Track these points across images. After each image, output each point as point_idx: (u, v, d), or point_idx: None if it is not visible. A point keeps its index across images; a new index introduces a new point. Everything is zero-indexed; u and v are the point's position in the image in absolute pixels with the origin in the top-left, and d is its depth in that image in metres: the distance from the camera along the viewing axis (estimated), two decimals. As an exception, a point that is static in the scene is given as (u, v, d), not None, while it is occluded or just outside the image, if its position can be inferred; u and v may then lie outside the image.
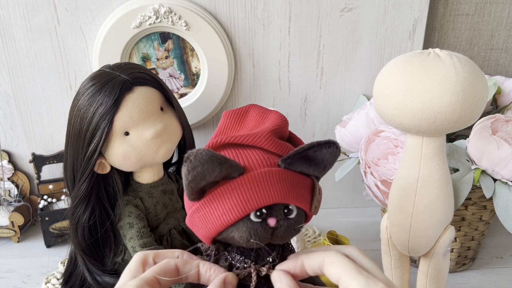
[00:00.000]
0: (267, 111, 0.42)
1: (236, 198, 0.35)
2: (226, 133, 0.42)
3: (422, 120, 0.49)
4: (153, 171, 0.67)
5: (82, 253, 0.66)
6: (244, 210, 0.35)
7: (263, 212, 0.36)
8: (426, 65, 0.48)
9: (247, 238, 0.36)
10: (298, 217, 0.37)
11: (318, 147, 0.37)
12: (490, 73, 0.90)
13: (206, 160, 0.33)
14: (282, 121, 0.41)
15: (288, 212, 0.37)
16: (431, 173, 0.53)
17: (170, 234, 0.70)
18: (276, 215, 0.36)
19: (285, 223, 0.37)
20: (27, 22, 0.79)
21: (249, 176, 0.36)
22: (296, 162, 0.37)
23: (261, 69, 0.84)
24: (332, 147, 0.37)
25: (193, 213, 0.38)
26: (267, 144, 0.38)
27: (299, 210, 0.38)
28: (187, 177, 0.34)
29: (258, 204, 0.35)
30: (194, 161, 0.33)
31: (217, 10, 0.79)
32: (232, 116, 0.43)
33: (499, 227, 0.81)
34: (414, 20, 0.81)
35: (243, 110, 0.43)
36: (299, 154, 0.37)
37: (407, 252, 0.58)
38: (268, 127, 0.39)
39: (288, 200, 0.36)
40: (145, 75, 0.63)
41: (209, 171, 0.34)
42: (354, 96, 0.86)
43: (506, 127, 0.65)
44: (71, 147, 0.63)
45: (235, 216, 0.35)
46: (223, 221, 0.36)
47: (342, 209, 0.94)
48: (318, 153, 0.37)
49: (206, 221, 0.37)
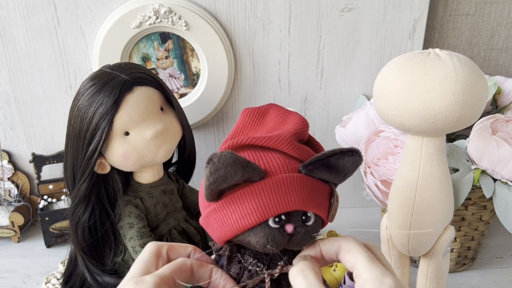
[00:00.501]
0: (288, 113, 0.41)
1: (256, 203, 0.35)
2: (244, 132, 0.41)
3: (422, 120, 0.49)
4: (153, 171, 0.67)
5: (82, 253, 0.66)
6: (263, 216, 0.35)
7: (282, 218, 0.35)
8: (426, 65, 0.48)
9: (264, 244, 0.35)
10: (315, 224, 0.37)
11: (341, 155, 0.36)
12: (490, 73, 0.90)
13: (229, 163, 0.33)
14: (303, 125, 0.40)
15: (306, 219, 0.36)
16: (431, 173, 0.53)
17: (170, 234, 0.70)
18: (294, 221, 0.36)
19: (302, 230, 0.36)
20: (27, 22, 0.79)
21: (270, 181, 0.35)
22: (317, 169, 0.37)
23: (261, 69, 0.84)
24: (355, 156, 0.37)
25: (209, 214, 0.37)
26: (288, 148, 0.37)
27: (316, 217, 0.37)
28: (208, 179, 0.33)
29: (278, 210, 0.35)
30: (217, 163, 0.33)
31: (217, 10, 0.79)
32: (251, 115, 0.42)
33: (499, 227, 0.81)
34: (414, 20, 0.81)
35: (262, 109, 0.42)
36: (321, 161, 0.36)
37: (407, 252, 0.58)
38: (290, 130, 0.39)
39: (307, 207, 0.36)
40: (145, 75, 0.63)
41: (231, 174, 0.33)
42: (354, 96, 0.86)
43: (506, 127, 0.65)
44: (71, 147, 0.63)
45: (253, 221, 0.35)
46: (240, 225, 0.35)
47: (342, 209, 0.94)
48: (340, 161, 0.37)
49: (223, 223, 0.36)
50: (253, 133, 0.41)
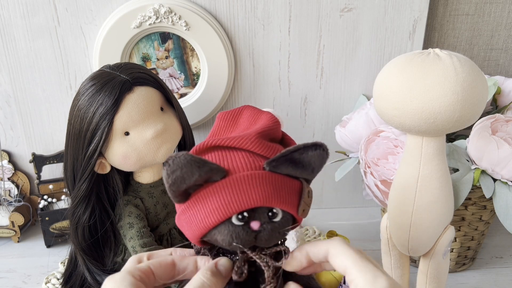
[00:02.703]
0: (259, 113, 0.42)
1: (217, 201, 0.35)
2: (219, 134, 0.41)
3: (422, 120, 0.49)
4: (153, 171, 0.67)
5: (82, 253, 0.66)
6: (225, 213, 0.35)
7: (245, 215, 0.35)
8: (426, 65, 0.48)
9: (229, 241, 0.36)
10: (283, 221, 0.37)
11: (304, 150, 0.36)
12: (490, 73, 0.90)
13: (184, 164, 0.33)
14: (272, 123, 0.40)
15: (273, 215, 0.36)
16: (431, 173, 0.53)
17: (170, 234, 0.70)
18: (260, 218, 0.36)
19: (269, 226, 0.36)
20: (27, 22, 0.79)
21: (231, 179, 0.35)
22: (282, 165, 0.36)
23: (261, 69, 0.84)
24: (319, 150, 0.36)
25: (180, 215, 0.38)
26: (253, 147, 0.37)
27: (284, 213, 0.37)
28: (167, 180, 0.34)
29: (239, 207, 0.35)
30: (172, 165, 0.33)
31: (217, 10, 0.79)
32: (225, 118, 0.42)
33: (499, 227, 0.81)
34: (414, 20, 0.81)
35: (236, 112, 0.42)
36: (285, 157, 0.36)
37: (407, 252, 0.58)
38: (257, 129, 0.39)
39: (271, 203, 0.36)
40: (145, 75, 0.63)
41: (188, 175, 0.34)
42: (354, 96, 0.86)
43: (506, 127, 0.65)
44: (71, 147, 0.63)
45: (216, 219, 0.35)
46: (205, 224, 0.36)
47: (342, 209, 0.94)
48: (304, 156, 0.36)
49: (191, 223, 0.37)
50: (227, 135, 0.41)
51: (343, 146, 0.79)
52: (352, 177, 0.90)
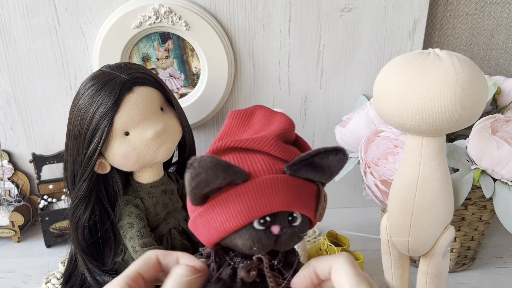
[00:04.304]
0: (273, 113, 0.41)
1: (239, 205, 0.35)
2: (230, 134, 0.41)
3: (422, 120, 0.49)
4: (153, 171, 0.67)
5: (82, 253, 0.66)
6: (248, 218, 0.35)
7: (267, 220, 0.35)
8: (426, 65, 0.48)
9: (250, 246, 0.35)
10: (302, 225, 0.37)
11: (325, 154, 0.36)
12: (490, 73, 0.90)
13: (210, 167, 0.33)
14: (288, 125, 0.39)
15: (293, 219, 0.36)
16: (431, 173, 0.53)
17: (170, 234, 0.70)
18: (280, 222, 0.36)
19: (289, 230, 0.36)
20: (27, 22, 0.79)
21: (254, 183, 0.35)
22: (302, 169, 0.36)
23: (261, 69, 0.84)
24: (339, 154, 0.36)
25: (196, 218, 0.37)
26: (272, 149, 0.37)
27: (303, 217, 0.37)
28: (190, 183, 0.33)
29: (262, 212, 0.35)
30: (198, 168, 0.32)
31: (217, 10, 0.79)
32: (237, 117, 0.41)
33: (499, 227, 0.81)
34: (414, 20, 0.81)
35: (248, 111, 0.42)
36: (305, 161, 0.36)
37: (407, 252, 0.58)
38: (274, 131, 0.38)
39: (292, 208, 0.36)
40: (145, 75, 0.63)
41: (212, 178, 0.33)
42: (354, 96, 0.86)
43: (506, 127, 0.65)
44: (71, 147, 0.63)
45: (238, 223, 0.35)
46: (225, 228, 0.35)
47: (342, 209, 0.94)
48: (324, 160, 0.36)
49: (209, 227, 0.36)
50: (239, 135, 0.40)
51: (343, 146, 0.78)
52: (352, 177, 0.90)
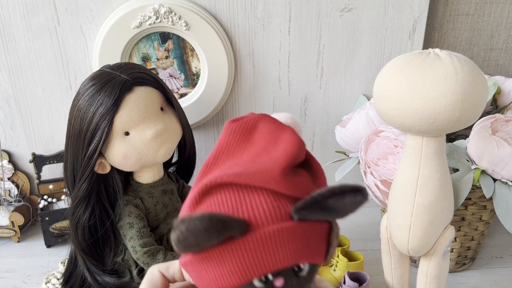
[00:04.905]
0: (279, 129, 0.34)
1: (237, 263, 0.30)
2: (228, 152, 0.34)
3: (422, 120, 0.49)
4: (153, 171, 0.67)
5: (82, 253, 0.66)
6: (246, 278, 0.30)
7: (269, 278, 0.30)
8: (426, 65, 0.48)
9: None
10: (310, 273, 0.32)
11: (341, 196, 0.29)
12: (490, 73, 0.90)
13: (200, 231, 0.27)
14: (298, 148, 0.32)
15: (299, 270, 0.31)
16: (431, 173, 0.53)
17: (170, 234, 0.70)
18: (284, 274, 0.31)
19: (294, 282, 0.31)
20: (27, 22, 0.79)
21: (255, 238, 0.30)
22: (313, 213, 0.31)
23: (261, 69, 0.84)
24: (359, 196, 0.29)
25: (187, 262, 0.32)
26: (278, 187, 0.31)
27: (312, 265, 0.32)
28: (177, 245, 0.28)
29: (264, 271, 0.30)
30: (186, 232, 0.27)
31: (217, 10, 0.79)
32: (236, 131, 0.34)
33: (499, 227, 0.81)
34: (414, 20, 0.81)
35: (250, 124, 0.34)
36: (317, 204, 0.30)
37: (407, 252, 0.58)
38: (280, 160, 0.32)
39: (300, 260, 0.31)
40: (145, 75, 0.63)
41: (204, 241, 0.28)
42: (354, 96, 0.86)
43: (506, 127, 0.65)
44: (71, 147, 0.63)
45: (234, 282, 0.30)
46: (219, 285, 0.31)
47: (342, 209, 0.94)
48: (340, 202, 0.30)
49: (201, 278, 0.32)
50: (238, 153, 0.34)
51: (343, 146, 0.78)
52: (352, 177, 0.90)
